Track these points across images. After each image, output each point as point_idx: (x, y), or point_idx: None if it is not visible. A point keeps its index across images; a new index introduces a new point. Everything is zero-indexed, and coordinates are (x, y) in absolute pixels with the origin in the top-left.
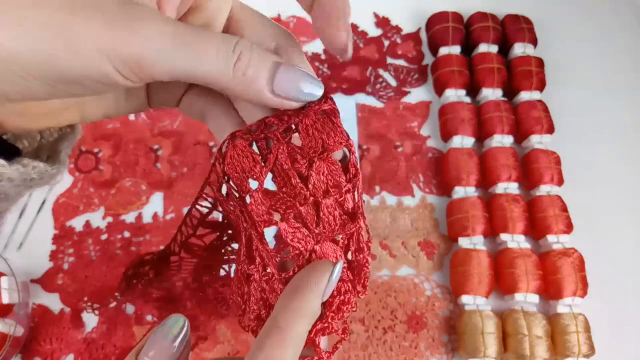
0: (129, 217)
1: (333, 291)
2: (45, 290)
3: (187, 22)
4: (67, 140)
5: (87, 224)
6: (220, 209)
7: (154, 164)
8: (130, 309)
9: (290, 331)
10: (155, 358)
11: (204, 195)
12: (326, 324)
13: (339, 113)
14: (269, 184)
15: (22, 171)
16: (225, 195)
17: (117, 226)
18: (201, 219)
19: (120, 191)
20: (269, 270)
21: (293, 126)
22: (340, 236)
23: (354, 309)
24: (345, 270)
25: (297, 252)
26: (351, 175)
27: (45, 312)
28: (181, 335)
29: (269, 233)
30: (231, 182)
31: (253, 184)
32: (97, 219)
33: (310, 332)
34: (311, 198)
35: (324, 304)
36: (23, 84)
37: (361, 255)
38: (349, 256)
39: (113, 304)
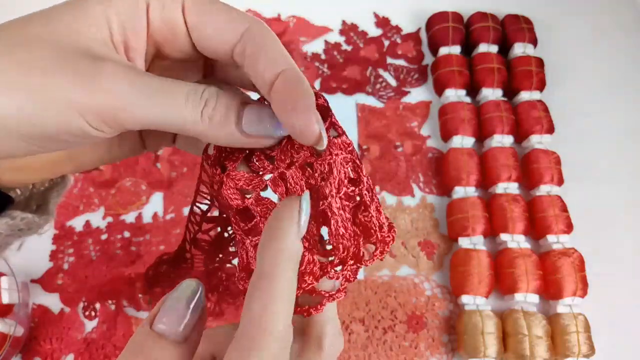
0: (129, 217)
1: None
2: (45, 290)
3: (152, 70)
4: (57, 190)
5: (87, 224)
6: (217, 204)
7: (153, 164)
8: (130, 310)
9: (277, 276)
10: (169, 324)
11: (201, 194)
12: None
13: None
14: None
15: (10, 224)
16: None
17: (117, 226)
18: (203, 215)
19: (120, 191)
20: (247, 241)
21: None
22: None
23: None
24: (310, 239)
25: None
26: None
27: (45, 312)
28: (195, 300)
29: None
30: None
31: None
32: (97, 219)
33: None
34: (276, 171)
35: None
36: (3, 142)
37: (342, 242)
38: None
39: (113, 304)
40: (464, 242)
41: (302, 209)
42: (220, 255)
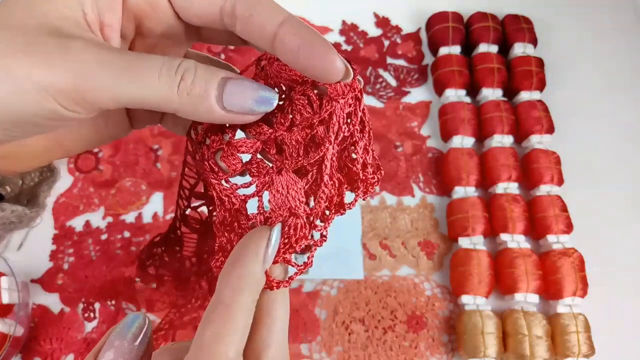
0: (129, 217)
1: (288, 228)
2: (45, 290)
3: (136, 47)
4: (47, 184)
5: (87, 224)
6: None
7: (154, 164)
8: (130, 310)
9: (234, 304)
10: None
11: (188, 166)
12: (278, 258)
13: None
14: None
15: (0, 215)
16: (201, 156)
17: (117, 226)
18: (191, 189)
19: (120, 191)
20: (232, 199)
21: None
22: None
23: (315, 244)
24: (300, 202)
25: (261, 182)
26: (319, 108)
27: (45, 312)
28: (141, 335)
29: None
30: (207, 141)
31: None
32: (97, 219)
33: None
34: (273, 133)
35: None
36: None
37: (322, 189)
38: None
39: (113, 304)
40: (464, 242)
41: (272, 241)
42: (217, 246)
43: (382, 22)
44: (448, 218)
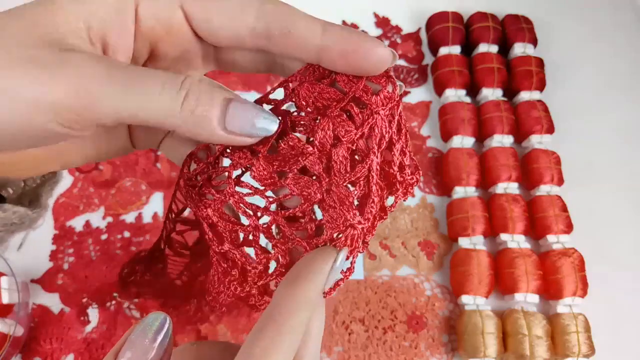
0: (129, 217)
1: (345, 239)
2: (45, 290)
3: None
4: (49, 185)
5: (87, 224)
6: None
7: (153, 164)
8: (131, 310)
9: (286, 323)
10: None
11: (179, 190)
12: None
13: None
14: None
15: (2, 217)
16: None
17: (117, 226)
18: (177, 214)
19: (120, 191)
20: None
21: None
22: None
23: (359, 250)
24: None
25: (304, 197)
26: (361, 122)
27: (45, 312)
28: (161, 335)
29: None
30: (222, 159)
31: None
32: (97, 219)
33: None
34: (316, 151)
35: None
36: None
37: (372, 199)
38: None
39: (113, 304)
40: (464, 242)
41: (337, 263)
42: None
43: (382, 22)
44: (448, 218)
